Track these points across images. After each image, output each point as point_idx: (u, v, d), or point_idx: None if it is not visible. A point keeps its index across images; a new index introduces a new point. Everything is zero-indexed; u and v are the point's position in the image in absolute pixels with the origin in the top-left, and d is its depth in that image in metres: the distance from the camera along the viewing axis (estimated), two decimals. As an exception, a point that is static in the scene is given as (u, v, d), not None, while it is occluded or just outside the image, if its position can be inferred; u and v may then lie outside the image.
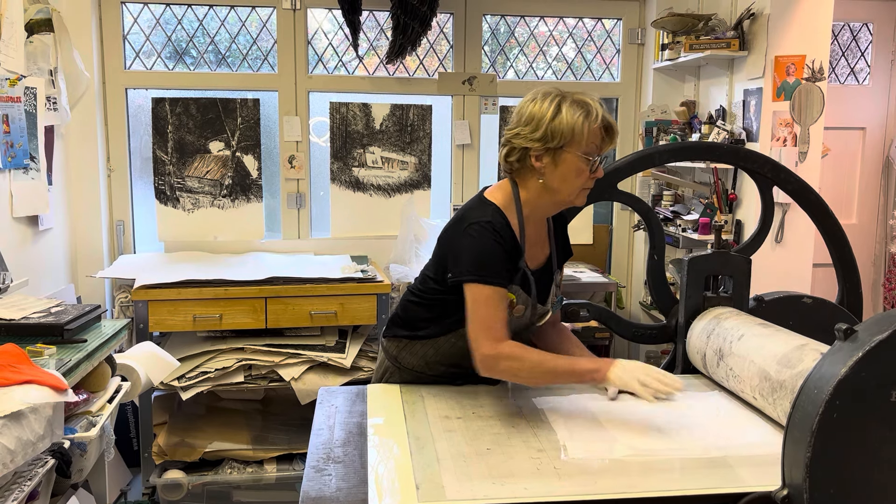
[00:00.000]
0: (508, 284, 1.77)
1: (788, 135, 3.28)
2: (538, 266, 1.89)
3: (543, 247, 1.92)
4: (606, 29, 4.09)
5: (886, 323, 1.16)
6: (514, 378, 1.74)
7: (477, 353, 1.72)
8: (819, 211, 2.20)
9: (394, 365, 1.99)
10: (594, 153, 1.77)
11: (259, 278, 3.17)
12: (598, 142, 1.77)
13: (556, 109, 1.74)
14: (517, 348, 1.71)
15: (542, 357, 1.73)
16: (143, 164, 3.75)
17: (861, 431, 1.16)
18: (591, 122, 1.74)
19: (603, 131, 1.77)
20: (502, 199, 1.84)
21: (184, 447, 3.18)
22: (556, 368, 1.71)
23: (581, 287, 3.54)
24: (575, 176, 1.77)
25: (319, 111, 3.83)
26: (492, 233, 1.75)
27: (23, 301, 2.31)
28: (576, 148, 1.74)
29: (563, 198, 1.81)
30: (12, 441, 1.57)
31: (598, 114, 1.75)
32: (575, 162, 1.75)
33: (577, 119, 1.73)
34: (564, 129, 1.73)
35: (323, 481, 1.40)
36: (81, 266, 3.53)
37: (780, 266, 3.33)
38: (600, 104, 1.78)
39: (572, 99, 1.76)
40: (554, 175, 1.78)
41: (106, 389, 2.24)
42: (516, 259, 1.80)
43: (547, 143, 1.74)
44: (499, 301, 1.73)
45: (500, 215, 1.80)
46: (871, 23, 4.05)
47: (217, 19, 3.74)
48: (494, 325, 1.72)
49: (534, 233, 1.87)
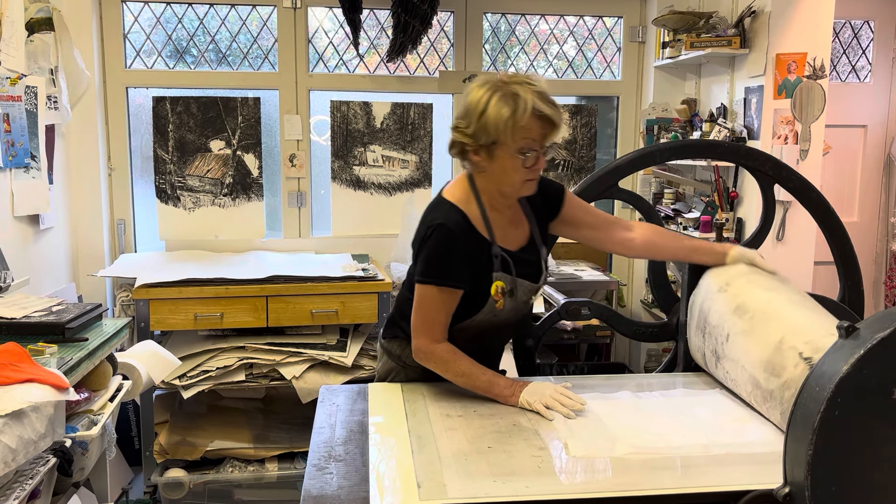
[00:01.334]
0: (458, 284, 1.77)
1: (789, 132, 3.28)
2: (520, 246, 1.87)
3: (520, 226, 1.88)
4: (607, 27, 4.08)
5: (888, 320, 1.16)
6: (441, 374, 1.82)
7: (413, 342, 1.82)
8: (820, 209, 2.20)
9: (399, 364, 1.98)
10: (529, 147, 1.70)
11: (260, 277, 3.17)
12: (533, 135, 1.70)
13: (484, 105, 1.69)
14: (449, 354, 1.79)
15: (469, 370, 1.78)
16: (143, 162, 3.75)
17: (863, 429, 1.16)
18: (517, 118, 1.66)
19: (538, 121, 1.69)
20: (460, 194, 1.82)
21: (185, 446, 3.18)
22: (476, 384, 1.78)
23: (582, 285, 3.54)
24: (512, 171, 1.73)
25: (320, 110, 3.83)
26: (441, 236, 1.75)
27: (24, 300, 2.31)
28: (507, 146, 1.70)
29: (506, 190, 1.79)
30: (14, 440, 1.57)
31: (525, 107, 1.66)
32: (509, 160, 1.71)
33: (502, 116, 1.67)
34: (490, 128, 1.68)
35: (324, 480, 1.40)
36: (82, 265, 3.53)
37: (781, 264, 3.27)
38: (536, 93, 1.68)
39: (503, 91, 1.68)
40: (492, 169, 1.75)
41: (107, 388, 2.24)
42: (486, 249, 1.79)
43: (478, 140, 1.71)
44: (442, 302, 1.78)
45: (455, 212, 1.78)
46: (872, 20, 4.04)
47: (218, 18, 3.74)
48: (434, 325, 1.79)
49: (502, 217, 1.84)
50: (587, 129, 4.04)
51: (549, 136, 1.73)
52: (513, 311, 1.87)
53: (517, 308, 1.88)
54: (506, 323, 1.91)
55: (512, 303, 1.83)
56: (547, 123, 1.71)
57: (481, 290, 1.80)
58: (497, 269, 1.79)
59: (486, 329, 1.88)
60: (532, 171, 1.74)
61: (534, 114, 1.67)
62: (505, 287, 1.80)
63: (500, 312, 1.83)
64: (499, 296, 1.80)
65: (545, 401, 1.69)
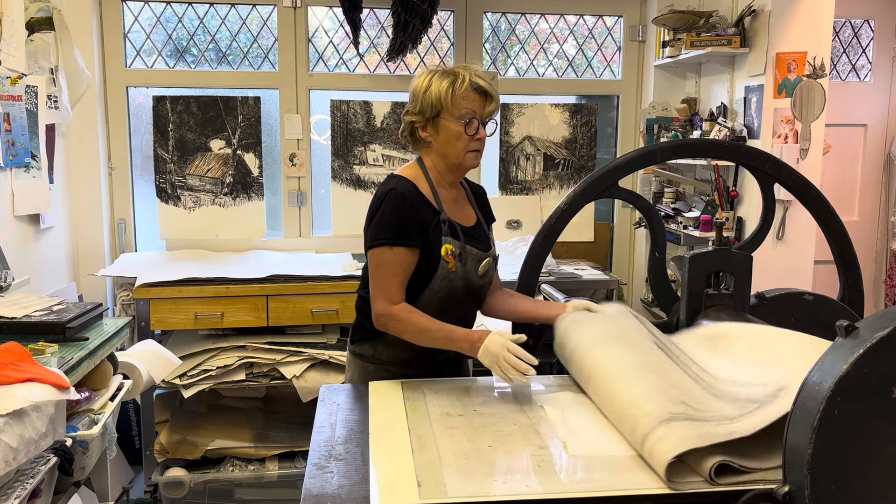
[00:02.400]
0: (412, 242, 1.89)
1: (789, 132, 3.28)
2: (468, 225, 2.04)
3: (465, 209, 2.07)
4: (607, 26, 4.08)
5: (888, 319, 1.16)
6: (402, 336, 1.89)
7: (373, 310, 1.91)
8: (820, 208, 2.20)
9: (373, 364, 2.04)
10: (469, 116, 1.92)
11: (260, 276, 3.18)
12: (472, 105, 1.92)
13: (427, 84, 1.94)
14: (405, 312, 1.87)
15: (426, 325, 1.86)
16: (144, 162, 3.76)
17: (862, 428, 1.16)
18: (457, 87, 1.91)
19: (476, 93, 1.92)
20: (410, 172, 2.02)
21: (186, 445, 3.18)
22: (435, 336, 1.86)
23: (582, 284, 3.54)
24: (456, 139, 1.94)
25: (320, 109, 3.83)
26: (392, 198, 1.91)
27: (24, 299, 2.31)
28: (450, 114, 1.92)
29: (452, 161, 1.97)
30: (15, 439, 1.57)
31: (464, 79, 1.91)
32: (452, 127, 1.93)
33: (443, 87, 1.91)
34: (434, 100, 1.93)
35: (325, 479, 1.40)
36: (83, 264, 3.53)
37: (781, 263, 3.33)
38: (473, 72, 1.92)
39: (444, 70, 1.95)
40: (438, 141, 1.97)
41: (108, 387, 2.24)
42: (436, 215, 1.95)
43: (424, 114, 1.95)
44: (397, 264, 1.89)
45: (405, 181, 1.97)
46: (872, 19, 4.04)
47: (218, 17, 3.74)
48: (390, 287, 1.89)
49: (449, 195, 2.03)
50: (587, 128, 4.04)
51: (488, 109, 1.95)
52: (465, 279, 1.98)
53: (469, 277, 1.99)
54: (462, 292, 2.00)
55: (462, 269, 1.97)
56: (483, 95, 1.93)
57: (433, 253, 1.93)
58: (445, 233, 1.95)
59: (445, 300, 1.97)
60: (475, 142, 1.94)
61: (471, 85, 1.91)
62: (455, 250, 1.94)
63: (454, 277, 1.95)
64: (449, 257, 1.93)
65: (499, 363, 1.75)
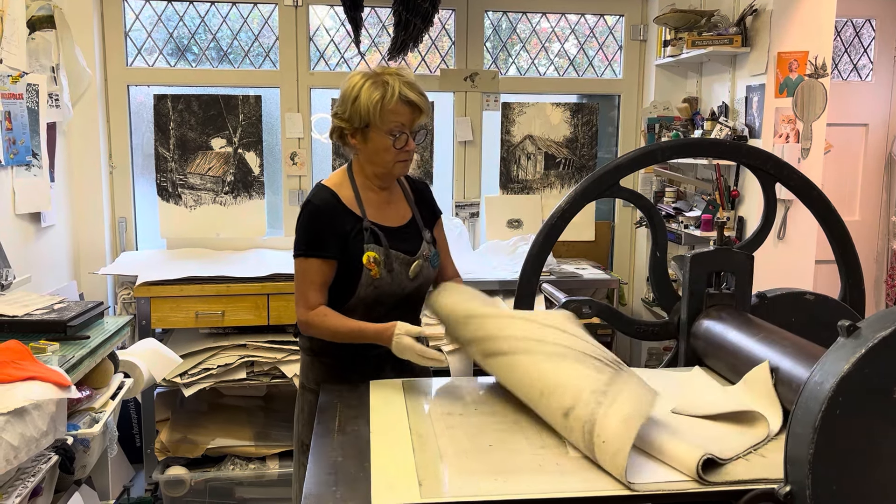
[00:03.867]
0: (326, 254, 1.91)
1: (791, 131, 3.27)
2: (399, 224, 2.02)
3: (398, 208, 2.05)
4: (609, 25, 4.08)
5: (889, 319, 1.16)
6: (323, 339, 1.95)
7: (297, 317, 1.97)
8: (821, 207, 2.20)
9: (310, 356, 2.07)
10: (399, 130, 1.89)
11: (261, 275, 3.18)
12: (401, 119, 1.89)
13: (357, 91, 1.88)
14: (319, 317, 1.92)
15: (338, 324, 1.91)
16: (145, 160, 3.76)
17: (864, 428, 1.16)
18: (386, 102, 1.86)
19: (406, 106, 1.88)
20: (335, 178, 2.01)
21: (186, 443, 3.18)
22: (348, 335, 1.91)
23: (583, 284, 3.54)
24: (383, 152, 1.91)
25: (321, 108, 3.83)
26: (308, 211, 1.94)
27: (25, 298, 2.31)
28: (378, 128, 1.88)
29: (380, 170, 1.96)
30: (16, 437, 1.57)
31: (393, 93, 1.86)
32: (381, 140, 1.90)
33: (372, 100, 1.86)
34: (362, 112, 1.87)
35: (325, 478, 1.40)
36: (84, 263, 3.53)
37: (782, 263, 3.32)
38: (404, 82, 1.87)
39: (374, 80, 1.88)
40: (366, 151, 1.94)
41: (109, 386, 2.25)
42: (357, 223, 1.94)
43: (353, 123, 1.90)
44: (313, 273, 1.93)
45: (324, 192, 1.96)
46: (874, 19, 4.04)
47: (219, 16, 3.74)
48: (307, 294, 1.94)
49: (378, 197, 2.01)
50: (588, 127, 4.04)
51: (417, 121, 1.93)
52: (395, 285, 1.97)
53: (399, 282, 1.98)
54: (391, 297, 1.99)
55: (389, 275, 1.96)
56: (413, 108, 1.90)
57: (354, 261, 1.93)
58: (367, 241, 1.94)
59: (373, 306, 1.98)
60: (403, 153, 1.92)
61: (401, 99, 1.87)
62: (378, 257, 1.94)
63: (381, 283, 1.95)
64: (372, 265, 1.93)
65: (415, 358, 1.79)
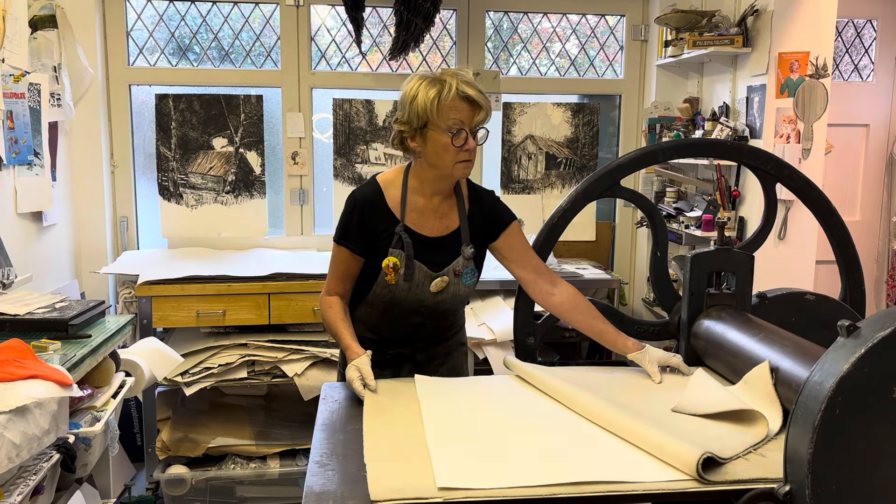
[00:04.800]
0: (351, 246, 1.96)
1: (792, 132, 3.28)
2: (438, 235, 2.00)
3: (445, 219, 2.02)
4: (610, 25, 4.08)
5: (889, 320, 1.16)
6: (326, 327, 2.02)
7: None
8: (822, 208, 2.20)
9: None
10: (457, 126, 1.86)
11: (262, 274, 3.18)
12: (460, 115, 1.86)
13: (414, 93, 1.88)
14: (325, 305, 2.00)
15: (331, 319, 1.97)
16: (146, 160, 3.76)
17: (863, 428, 1.17)
18: (443, 98, 1.85)
19: (464, 102, 1.86)
20: (391, 174, 2.04)
21: (187, 442, 3.19)
22: (334, 334, 1.96)
23: (584, 284, 3.54)
24: (444, 151, 1.88)
25: (322, 107, 3.84)
26: (348, 202, 1.99)
27: (27, 296, 2.32)
28: (436, 125, 1.87)
29: (441, 172, 1.93)
30: (18, 436, 1.58)
31: (451, 89, 1.85)
32: (439, 138, 1.87)
33: (429, 97, 1.85)
34: (420, 111, 1.86)
35: (326, 476, 1.41)
36: (85, 262, 3.54)
37: (783, 263, 3.33)
38: (461, 79, 1.86)
39: (432, 78, 1.88)
40: (427, 152, 1.92)
41: (110, 385, 2.25)
42: (392, 225, 1.96)
43: (412, 124, 1.89)
44: (339, 260, 2.00)
45: (370, 186, 2.01)
46: (875, 19, 4.04)
47: (220, 15, 3.75)
48: (331, 279, 2.02)
49: (425, 203, 2.00)
50: (589, 127, 4.04)
51: (477, 119, 1.89)
52: (412, 294, 1.97)
53: (418, 292, 1.97)
54: (408, 304, 1.99)
55: (407, 284, 1.95)
56: (472, 105, 1.87)
57: (379, 260, 1.95)
58: (393, 245, 1.94)
59: (388, 307, 2.00)
60: (464, 153, 1.89)
61: (458, 94, 1.85)
62: (398, 264, 1.94)
63: (395, 289, 1.96)
64: (389, 270, 1.93)
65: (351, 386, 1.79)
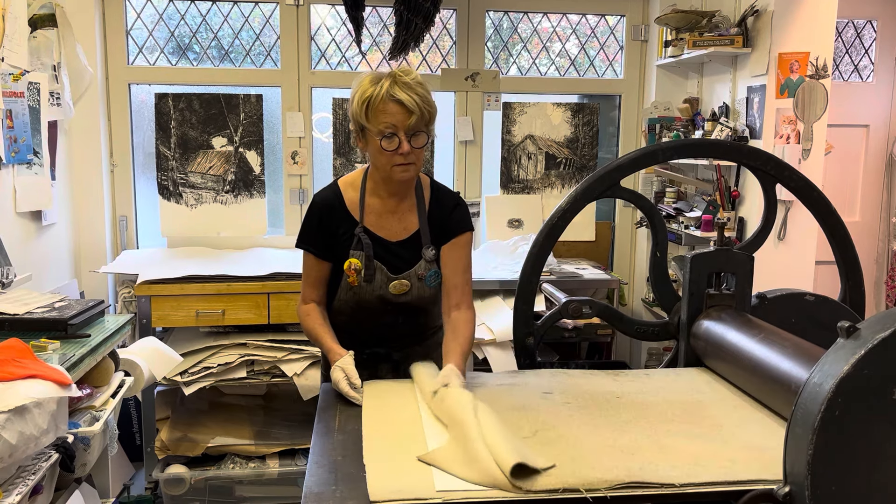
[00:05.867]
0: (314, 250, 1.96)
1: (792, 132, 3.27)
2: (399, 238, 1.97)
3: (404, 220, 1.98)
4: (610, 25, 4.08)
5: (889, 321, 1.16)
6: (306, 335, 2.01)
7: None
8: (822, 208, 2.20)
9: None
10: (390, 130, 1.81)
11: (262, 274, 3.18)
12: (391, 119, 1.80)
13: (353, 92, 1.84)
14: (303, 315, 1.99)
15: (311, 325, 1.96)
16: (146, 159, 3.76)
17: (863, 429, 1.16)
18: (373, 100, 1.79)
19: (396, 105, 1.79)
20: (352, 176, 2.03)
21: (186, 442, 3.19)
22: (315, 339, 1.96)
23: (583, 284, 3.54)
24: (378, 154, 1.85)
25: (322, 107, 3.84)
26: (309, 206, 2.01)
27: (26, 296, 2.31)
28: (370, 128, 1.83)
29: (382, 174, 1.91)
30: (14, 436, 1.57)
31: (380, 92, 1.78)
32: (374, 141, 1.84)
33: (362, 100, 1.81)
34: (356, 113, 1.83)
35: (325, 476, 1.41)
36: (85, 261, 3.53)
37: (782, 263, 3.32)
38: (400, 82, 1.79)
39: (374, 77, 1.82)
40: (369, 153, 1.90)
41: (109, 384, 2.25)
42: (351, 227, 1.95)
43: (354, 125, 1.88)
44: (307, 266, 2.00)
45: (330, 190, 2.01)
46: (875, 19, 4.04)
47: (220, 15, 3.74)
48: (304, 286, 2.01)
49: (383, 204, 1.97)
50: (589, 127, 4.04)
51: (411, 123, 1.81)
52: (375, 296, 1.96)
53: (381, 294, 1.96)
54: (373, 305, 1.98)
55: (369, 285, 1.95)
56: (402, 108, 1.79)
57: (340, 264, 1.95)
58: (353, 246, 1.93)
59: (356, 309, 1.99)
60: (399, 156, 1.83)
61: (389, 97, 1.78)
62: (359, 266, 1.93)
63: (359, 291, 1.95)
64: (351, 272, 1.93)
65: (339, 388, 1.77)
